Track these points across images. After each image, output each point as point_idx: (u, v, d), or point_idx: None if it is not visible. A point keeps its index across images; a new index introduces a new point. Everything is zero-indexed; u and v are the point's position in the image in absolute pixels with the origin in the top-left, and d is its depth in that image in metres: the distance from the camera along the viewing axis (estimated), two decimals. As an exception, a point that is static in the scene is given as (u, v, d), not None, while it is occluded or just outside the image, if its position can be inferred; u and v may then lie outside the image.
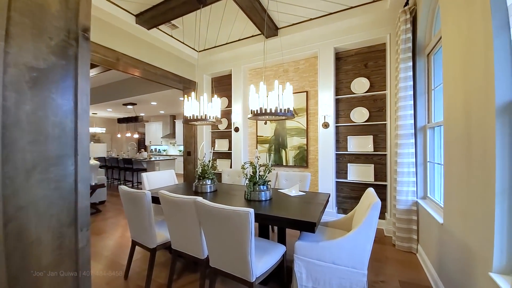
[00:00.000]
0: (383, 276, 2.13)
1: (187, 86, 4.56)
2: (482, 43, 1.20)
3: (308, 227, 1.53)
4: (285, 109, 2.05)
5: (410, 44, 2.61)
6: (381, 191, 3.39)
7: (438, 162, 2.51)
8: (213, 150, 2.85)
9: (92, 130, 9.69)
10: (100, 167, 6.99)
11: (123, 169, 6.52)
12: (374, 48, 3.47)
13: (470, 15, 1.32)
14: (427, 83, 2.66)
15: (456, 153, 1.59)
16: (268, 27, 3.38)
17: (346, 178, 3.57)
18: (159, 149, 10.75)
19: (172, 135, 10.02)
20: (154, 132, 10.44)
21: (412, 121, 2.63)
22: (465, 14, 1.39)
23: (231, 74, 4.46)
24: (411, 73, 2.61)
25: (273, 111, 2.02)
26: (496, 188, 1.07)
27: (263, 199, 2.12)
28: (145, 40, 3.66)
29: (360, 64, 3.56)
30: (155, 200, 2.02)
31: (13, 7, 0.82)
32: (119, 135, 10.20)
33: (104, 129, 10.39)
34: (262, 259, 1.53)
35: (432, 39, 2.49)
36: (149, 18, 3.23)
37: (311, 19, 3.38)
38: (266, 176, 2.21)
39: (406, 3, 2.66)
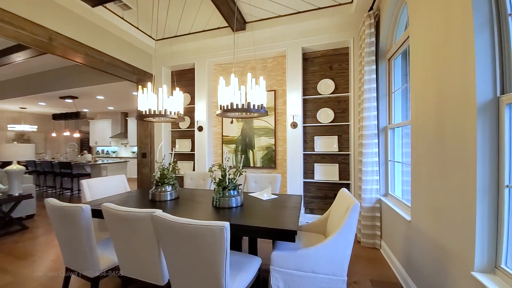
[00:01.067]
0: (355, 276, 2.11)
1: (142, 78, 4.02)
2: (460, 43, 1.20)
3: (288, 236, 1.37)
4: (258, 105, 1.86)
5: (374, 48, 2.71)
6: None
7: (398, 161, 2.66)
8: (174, 151, 2.50)
9: (20, 128, 8.00)
10: (29, 172, 5.75)
11: (60, 175, 5.46)
12: (339, 51, 3.56)
13: (446, 16, 1.34)
14: (388, 86, 2.80)
15: (426, 152, 1.63)
16: (236, 20, 3.16)
17: (313, 178, 3.58)
18: (107, 151, 9.48)
19: (124, 134, 8.94)
20: (101, 131, 9.15)
21: (376, 122, 2.73)
22: (439, 15, 1.41)
23: (194, 68, 4.09)
24: (374, 76, 2.71)
25: (245, 107, 1.81)
26: (477, 187, 1.07)
27: (234, 205, 1.89)
28: (88, 19, 3.05)
29: (326, 66, 3.61)
30: (98, 213, 1.61)
31: None
32: (54, 134, 8.61)
33: (36, 127, 8.67)
34: (237, 278, 1.30)
35: (393, 45, 2.62)
36: (92, -7, 2.69)
37: (280, 16, 3.29)
38: (237, 180, 1.99)
39: (371, 8, 2.76)
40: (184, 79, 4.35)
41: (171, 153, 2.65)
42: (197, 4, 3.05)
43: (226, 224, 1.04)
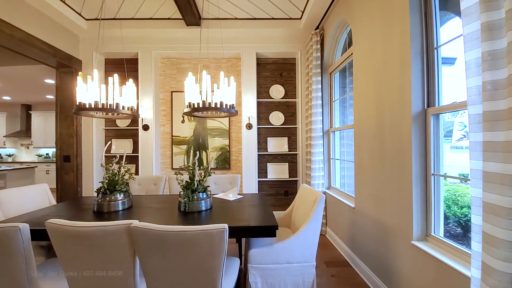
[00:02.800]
0: (313, 263, 2.36)
1: (65, 63, 3.27)
2: (398, 65, 1.55)
3: (270, 231, 1.43)
4: (229, 105, 1.85)
5: (320, 62, 3.11)
6: (293, 185, 3.83)
7: (338, 158, 3.14)
8: (124, 153, 2.18)
9: None
10: None
11: None
12: (288, 61, 3.88)
13: (386, 42, 1.70)
14: (329, 96, 3.26)
15: (367, 150, 2.00)
16: (191, 14, 3.00)
17: (266, 177, 3.77)
18: (0, 154, 7.20)
19: (26, 133, 7.00)
20: (-12, 128, 6.88)
21: (321, 126, 3.13)
22: (380, 40, 1.77)
23: (136, 58, 3.63)
24: (320, 86, 3.10)
25: (218, 106, 1.76)
26: (413, 176, 1.41)
27: (204, 209, 1.81)
28: (-13, -22, 2.28)
29: (277, 72, 3.88)
30: (33, 236, 1.25)
31: None
32: None
33: None
34: (225, 282, 1.26)
35: (334, 62, 3.08)
36: None
37: (237, 19, 3.32)
38: (205, 181, 1.91)
39: (317, 27, 3.15)
40: (121, 69, 3.78)
41: (120, 155, 2.27)
42: (148, -11, 2.75)
43: (226, 226, 1.01)
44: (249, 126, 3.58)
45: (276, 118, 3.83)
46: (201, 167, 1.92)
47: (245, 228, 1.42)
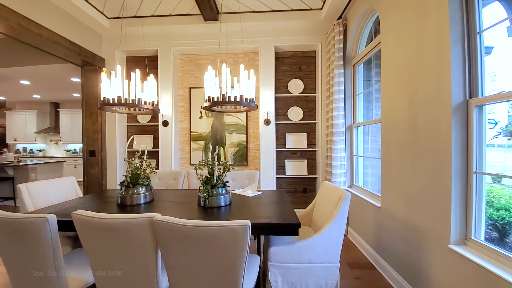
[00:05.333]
0: (334, 263, 2.28)
1: (89, 61, 3.40)
2: (435, 53, 1.41)
3: (292, 229, 1.37)
4: (250, 99, 1.80)
5: (342, 54, 2.96)
6: (312, 183, 3.73)
7: (361, 155, 2.99)
8: (146, 148, 2.21)
9: None
10: None
11: (-37, 180, 4.18)
12: (307, 54, 3.75)
13: (420, 30, 1.55)
14: (352, 89, 3.10)
15: (396, 146, 1.87)
16: (209, 9, 2.98)
17: (284, 173, 3.70)
18: (31, 149, 7.74)
19: (54, 129, 7.45)
20: (23, 125, 7.41)
21: (343, 121, 2.99)
22: (413, 28, 1.63)
23: (156, 56, 3.69)
24: (342, 79, 2.96)
25: (238, 100, 1.72)
26: (452, 174, 1.28)
27: (223, 204, 1.79)
28: (18, -19, 2.40)
29: (295, 66, 3.77)
30: (60, 226, 1.29)
31: None
32: None
33: None
34: (246, 280, 1.23)
35: (358, 53, 2.92)
36: None
37: (255, 11, 3.25)
38: (224, 177, 1.89)
39: (340, 17, 2.99)
40: (144, 67, 3.87)
41: (142, 150, 2.32)
42: (167, -15, 2.76)
43: (248, 223, 0.97)
44: (267, 122, 3.51)
45: (295, 114, 3.73)
46: (220, 162, 1.89)
47: (266, 225, 1.37)
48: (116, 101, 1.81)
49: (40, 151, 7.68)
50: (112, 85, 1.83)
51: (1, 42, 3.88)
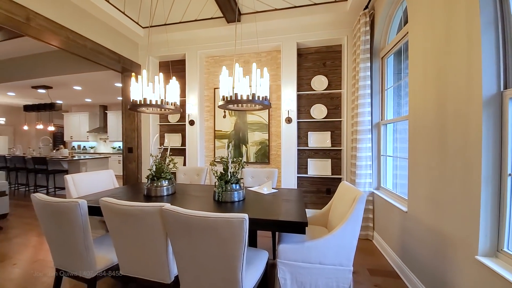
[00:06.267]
0: (353, 267, 2.17)
1: (127, 68, 3.78)
2: (464, 40, 1.25)
3: (299, 228, 1.36)
4: (262, 97, 1.82)
5: (369, 46, 2.78)
6: (336, 183, 3.58)
7: (390, 155, 2.78)
8: (166, 145, 2.38)
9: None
10: (-3, 168, 5.23)
11: (34, 172, 5.02)
12: (332, 49, 3.61)
13: (449, 15, 1.39)
14: (381, 84, 2.89)
15: (424, 145, 1.70)
16: (231, 11, 3.07)
17: (306, 173, 3.63)
18: (84, 146, 8.90)
19: (103, 129, 8.43)
20: (77, 125, 8.56)
21: (370, 118, 2.81)
22: (442, 13, 1.46)
23: (184, 60, 3.94)
24: (369, 73, 2.78)
25: (250, 98, 1.76)
26: (482, 176, 1.13)
27: (237, 199, 1.85)
28: (71, 0, 2.79)
29: (319, 62, 3.65)
30: (92, 210, 1.49)
31: None
32: (26, 128, 7.90)
33: (4, 119, 7.89)
34: (249, 272, 1.27)
35: (386, 44, 2.71)
36: (76, -28, 2.46)
37: (276, 9, 3.25)
38: (239, 173, 1.94)
39: (366, 7, 2.81)
40: (173, 70, 4.17)
41: (165, 147, 2.53)
42: (191, -8, 2.93)
43: (245, 216, 1.00)
44: (289, 120, 3.48)
45: (318, 111, 3.62)
46: (235, 159, 1.96)
47: (271, 221, 1.39)
48: (142, 103, 2.00)
49: (91, 148, 8.78)
50: (140, 88, 2.03)
51: (55, 54, 4.55)
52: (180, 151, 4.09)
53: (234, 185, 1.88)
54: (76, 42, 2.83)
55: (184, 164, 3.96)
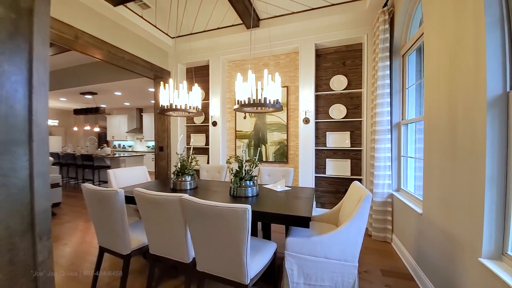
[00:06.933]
0: (365, 266, 2.19)
1: (159, 75, 4.19)
2: (472, 40, 1.24)
3: (303, 222, 1.47)
4: (274, 101, 1.95)
5: (388, 44, 2.73)
6: (357, 185, 3.53)
7: (411, 156, 2.69)
8: (192, 145, 2.63)
9: (41, 122, 8.44)
10: (53, 164, 6.13)
11: (82, 167, 5.79)
12: (352, 48, 3.57)
13: (458, 14, 1.37)
14: (401, 82, 2.81)
15: (438, 147, 1.67)
16: (250, 18, 3.24)
17: (324, 173, 3.65)
18: (123, 145, 9.86)
19: (139, 129, 9.27)
20: (118, 126, 9.53)
21: (389, 118, 2.76)
22: (452, 13, 1.45)
23: (208, 65, 4.22)
24: (388, 72, 2.73)
25: (262, 102, 1.90)
26: (486, 177, 1.12)
27: (250, 195, 2.00)
28: (110, 18, 3.22)
29: (339, 62, 3.64)
30: (128, 199, 1.77)
31: None
32: (75, 129, 9.06)
33: (57, 121, 9.15)
34: (255, 259, 1.42)
35: (407, 41, 2.63)
36: (116, -6, 2.84)
37: (293, 13, 3.34)
38: (252, 171, 2.10)
39: (385, 4, 2.76)
40: (198, 75, 4.49)
41: (186, 147, 2.80)
42: (213, 2, 3.16)
43: (248, 207, 1.15)
44: (306, 121, 3.54)
45: (337, 111, 3.62)
46: (249, 158, 2.12)
47: (277, 215, 1.51)
48: (169, 107, 2.27)
49: (129, 146, 9.70)
50: (167, 95, 2.31)
51: (99, 64, 5.17)
52: (204, 150, 4.39)
53: (248, 181, 2.04)
54: (116, 54, 3.26)
55: (208, 162, 4.25)
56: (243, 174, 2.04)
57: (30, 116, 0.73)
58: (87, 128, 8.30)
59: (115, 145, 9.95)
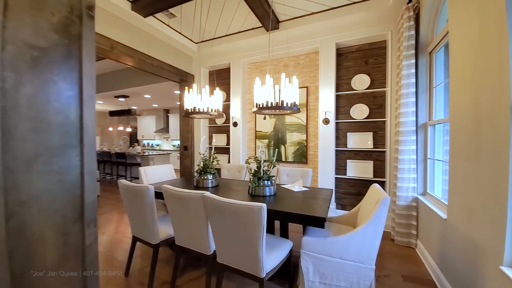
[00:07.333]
0: (386, 270, 2.15)
1: (184, 78, 4.43)
2: (495, 41, 1.18)
3: (318, 222, 1.51)
4: (291, 103, 2.00)
5: (413, 42, 2.61)
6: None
7: (439, 159, 2.55)
8: (213, 145, 2.78)
9: (82, 123, 9.34)
10: (91, 161, 6.77)
11: (116, 164, 6.33)
12: (375, 45, 3.46)
13: (482, 13, 1.31)
14: (428, 81, 2.67)
15: (463, 149, 1.60)
16: (269, 20, 3.30)
17: (345, 174, 3.59)
18: (152, 144, 10.52)
19: (166, 129, 9.81)
20: (147, 126, 10.18)
21: (414, 118, 2.64)
22: (476, 11, 1.37)
23: (229, 68, 4.36)
24: (413, 71, 2.61)
25: (279, 105, 1.96)
26: (509, 183, 1.07)
27: (268, 194, 2.08)
28: (140, 28, 3.50)
29: (361, 60, 3.55)
30: (157, 195, 1.95)
31: (10, -25, 0.73)
32: (110, 129, 9.89)
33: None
34: (271, 255, 1.49)
35: (434, 38, 2.50)
36: (145, 5, 3.08)
37: (313, 13, 3.33)
38: (270, 171, 2.17)
39: (410, 1, 2.64)
40: (220, 77, 4.67)
41: (208, 147, 2.95)
42: (234, 8, 3.27)
43: (264, 205, 1.23)
44: (326, 121, 3.51)
45: (359, 111, 3.53)
46: (267, 158, 2.19)
47: (292, 214, 1.57)
48: (192, 110, 2.42)
49: (157, 145, 10.32)
50: (191, 98, 2.47)
51: (130, 71, 5.60)
52: (225, 150, 4.56)
53: (266, 181, 2.12)
54: (145, 61, 3.53)
55: (228, 162, 4.40)
56: (261, 174, 2.12)
57: (81, 124, 0.89)
58: (121, 128, 9.01)
59: (144, 144, 10.65)
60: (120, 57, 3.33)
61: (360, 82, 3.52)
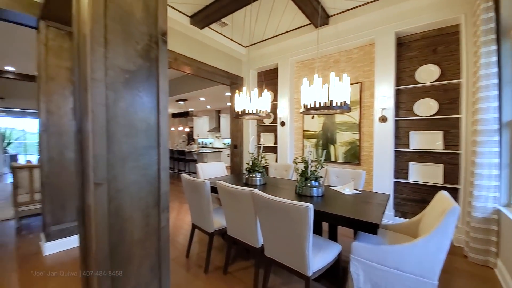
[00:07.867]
0: (453, 290, 1.87)
1: (234, 81, 4.70)
2: None
3: (370, 228, 1.44)
4: (341, 103, 1.93)
5: (493, 25, 2.17)
6: (452, 195, 2.92)
7: (536, 164, 2.06)
8: (262, 144, 2.90)
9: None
10: (158, 157, 7.86)
11: (177, 160, 7.18)
12: (445, 31, 2.98)
13: None
14: (519, 69, 2.17)
15: None
16: (318, 17, 3.21)
17: (406, 178, 3.22)
18: (205, 142, 11.47)
19: (217, 129, 10.55)
20: (201, 126, 11.15)
21: (497, 115, 2.20)
22: None
23: (277, 68, 4.42)
24: (495, 59, 2.18)
25: (327, 105, 1.92)
26: None
27: (315, 195, 2.06)
28: (197, 39, 3.88)
29: (427, 49, 3.11)
30: (212, 189, 2.17)
31: (108, 15, 0.95)
32: (172, 129, 11.23)
33: (160, 123, 11.53)
34: (318, 255, 1.50)
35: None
36: (202, 18, 3.41)
37: (368, 3, 3.09)
38: (318, 172, 2.14)
39: (493, -27, 2.19)
40: (268, 78, 4.77)
41: (257, 146, 3.08)
42: (282, 9, 3.30)
43: (310, 206, 1.25)
44: (383, 119, 3.22)
45: (425, 107, 3.11)
46: (315, 158, 2.17)
47: (340, 216, 1.53)
48: (242, 112, 2.59)
49: (210, 143, 11.20)
50: (240, 101, 2.64)
51: (188, 77, 6.22)
52: (273, 149, 4.65)
53: (313, 181, 2.11)
54: (201, 68, 3.91)
55: (276, 161, 4.48)
56: (308, 174, 2.12)
57: (158, 130, 1.10)
58: (180, 128, 10.13)
59: (199, 142, 11.70)
60: (181, 66, 3.77)
61: (427, 74, 3.09)
